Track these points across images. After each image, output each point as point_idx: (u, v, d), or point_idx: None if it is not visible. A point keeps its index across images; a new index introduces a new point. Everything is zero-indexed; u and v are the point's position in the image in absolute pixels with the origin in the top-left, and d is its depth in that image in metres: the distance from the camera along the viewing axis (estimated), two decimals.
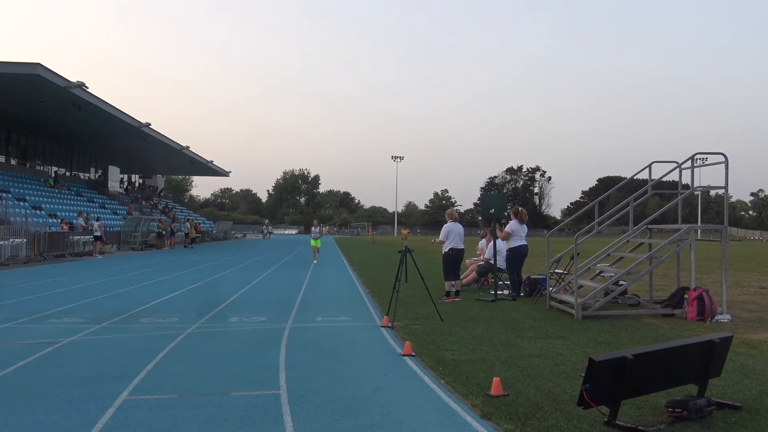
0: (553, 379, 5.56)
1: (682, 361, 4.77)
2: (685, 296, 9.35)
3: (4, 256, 21.33)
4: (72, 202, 36.95)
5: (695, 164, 10.52)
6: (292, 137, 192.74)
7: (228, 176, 65.45)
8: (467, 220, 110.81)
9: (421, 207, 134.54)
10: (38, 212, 29.46)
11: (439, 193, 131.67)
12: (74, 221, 29.70)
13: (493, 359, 6.39)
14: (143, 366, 6.06)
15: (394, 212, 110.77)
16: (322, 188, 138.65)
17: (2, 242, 21.61)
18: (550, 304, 10.42)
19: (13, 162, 36.74)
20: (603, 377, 4.21)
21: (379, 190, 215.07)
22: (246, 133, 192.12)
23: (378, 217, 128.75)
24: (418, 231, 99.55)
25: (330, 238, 54.26)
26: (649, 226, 11.07)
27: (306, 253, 31.35)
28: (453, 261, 11.68)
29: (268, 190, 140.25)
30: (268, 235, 71.15)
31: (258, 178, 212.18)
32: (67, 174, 44.06)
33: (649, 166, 11.01)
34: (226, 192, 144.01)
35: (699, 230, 10.15)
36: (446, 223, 11.94)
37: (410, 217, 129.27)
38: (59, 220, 28.88)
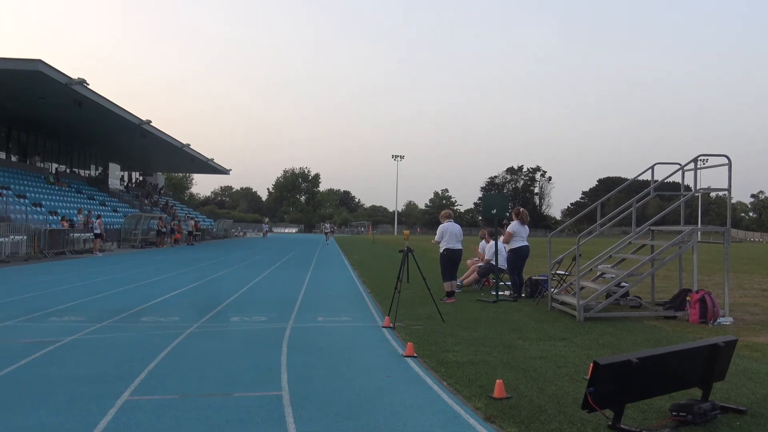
0: (556, 381, 5.54)
1: (687, 364, 4.75)
2: (687, 298, 9.33)
3: (4, 253, 21.30)
4: (72, 199, 36.94)
5: (698, 166, 10.50)
6: (292, 135, 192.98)
7: (228, 174, 65.61)
8: (467, 219, 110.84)
9: (422, 206, 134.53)
10: (39, 209, 29.42)
11: (440, 192, 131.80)
12: (74, 218, 29.68)
13: (495, 361, 6.37)
14: (145, 366, 6.04)
15: (394, 211, 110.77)
16: (323, 187, 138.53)
17: (2, 239, 21.57)
18: (552, 305, 10.40)
19: (13, 159, 36.71)
20: (607, 381, 4.19)
21: (379, 189, 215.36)
22: (246, 131, 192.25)
23: (378, 216, 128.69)
24: (418, 229, 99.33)
25: (331, 238, 53.47)
26: (651, 228, 11.05)
27: (307, 252, 31.30)
28: (450, 262, 11.62)
29: (268, 189, 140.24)
30: (266, 234, 71.37)
31: (258, 177, 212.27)
32: (68, 171, 44.02)
33: (652, 167, 10.99)
34: (226, 190, 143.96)
35: (700, 232, 10.14)
36: (441, 224, 11.87)
37: (410, 216, 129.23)
38: (60, 218, 28.86)
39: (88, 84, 26.49)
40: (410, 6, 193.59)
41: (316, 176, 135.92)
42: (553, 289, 10.82)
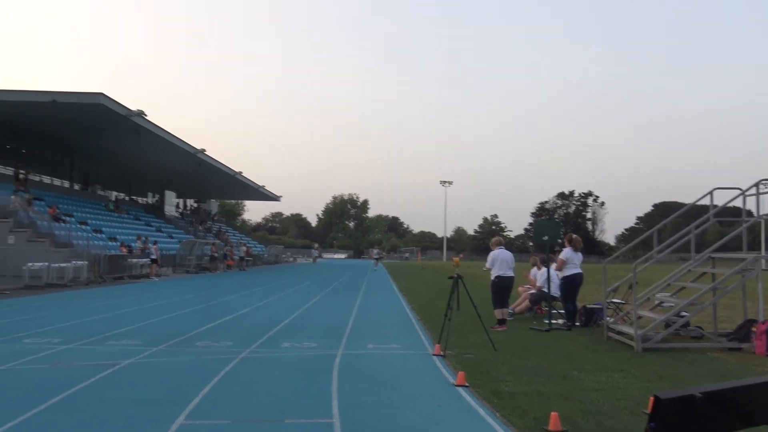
0: (614, 415, 5.35)
1: (755, 400, 4.50)
2: (753, 329, 8.91)
3: (66, 277, 22.14)
4: (131, 225, 38.20)
5: (760, 191, 10.10)
6: (341, 162, 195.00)
7: (279, 201, 66.77)
8: (518, 246, 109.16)
9: (471, 232, 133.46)
10: (99, 235, 30.53)
11: (489, 218, 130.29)
12: (132, 244, 30.67)
13: (549, 392, 6.21)
14: (199, 390, 6.13)
15: (443, 237, 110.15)
16: (371, 213, 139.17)
17: (66, 264, 22.46)
18: (608, 335, 10.09)
19: (76, 187, 38.35)
20: (669, 416, 4.01)
21: (427, 215, 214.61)
22: (296, 158, 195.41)
23: (427, 242, 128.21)
24: (461, 255, 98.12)
25: (380, 264, 52.86)
26: (712, 255, 10.64)
27: (357, 278, 31.35)
28: (501, 289, 11.46)
29: (317, 215, 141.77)
30: (316, 259, 72.19)
31: (308, 203, 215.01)
32: (127, 198, 45.68)
33: (711, 192, 10.63)
34: (276, 216, 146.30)
35: (765, 259, 9.71)
36: (492, 250, 11.74)
37: (459, 242, 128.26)
38: (119, 244, 29.86)
39: (147, 115, 27.54)
40: (458, 32, 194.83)
41: (365, 202, 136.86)
42: (609, 318, 10.52)
